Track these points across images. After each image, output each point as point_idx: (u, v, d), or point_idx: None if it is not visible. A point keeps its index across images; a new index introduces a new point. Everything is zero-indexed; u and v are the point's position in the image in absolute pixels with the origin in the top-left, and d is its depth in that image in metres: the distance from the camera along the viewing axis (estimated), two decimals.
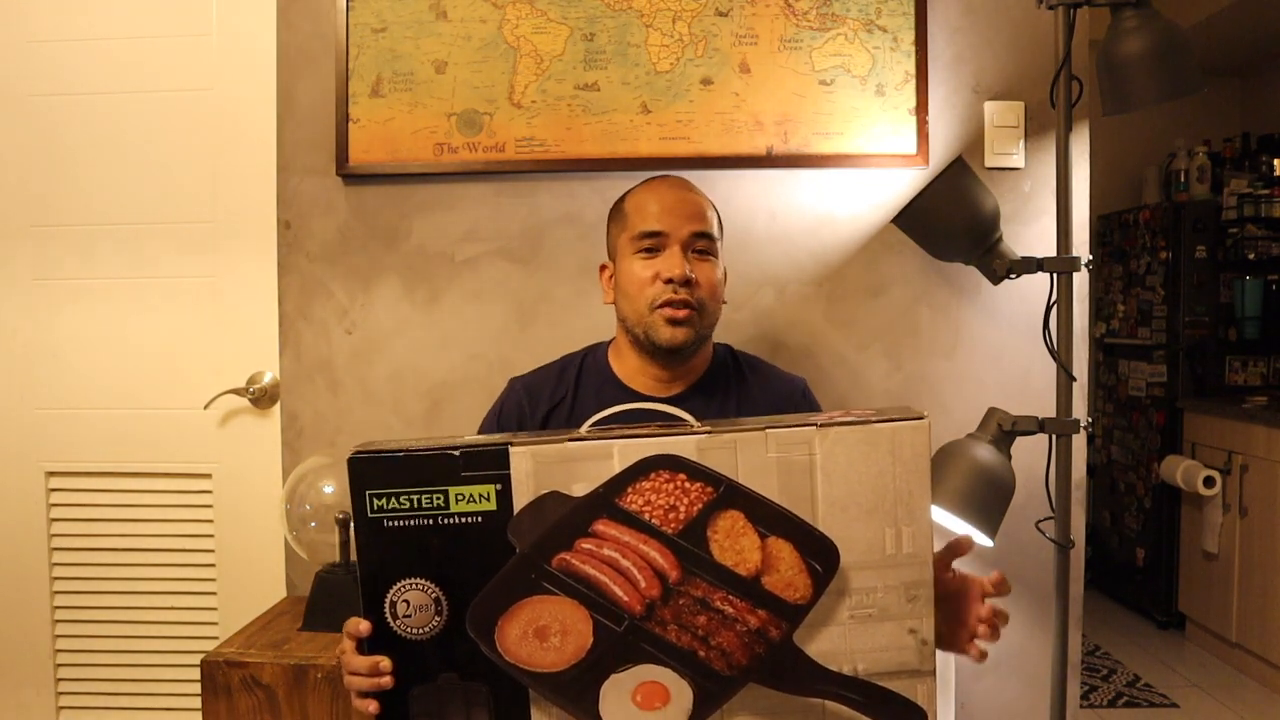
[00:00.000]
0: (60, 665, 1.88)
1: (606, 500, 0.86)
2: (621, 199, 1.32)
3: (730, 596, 0.85)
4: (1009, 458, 1.51)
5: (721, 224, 1.32)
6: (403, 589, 0.86)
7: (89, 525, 1.87)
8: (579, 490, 0.85)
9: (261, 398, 1.83)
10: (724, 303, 1.29)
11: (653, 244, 1.23)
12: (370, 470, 0.86)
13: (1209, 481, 3.15)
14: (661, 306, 1.20)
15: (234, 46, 1.81)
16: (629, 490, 0.85)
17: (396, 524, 0.86)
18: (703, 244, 1.24)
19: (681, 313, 1.20)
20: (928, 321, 1.74)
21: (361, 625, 0.90)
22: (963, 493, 1.46)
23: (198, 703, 1.50)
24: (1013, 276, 1.55)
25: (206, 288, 1.84)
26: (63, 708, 1.88)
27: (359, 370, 1.80)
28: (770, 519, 0.86)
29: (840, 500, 0.86)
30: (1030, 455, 1.61)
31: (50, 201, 1.85)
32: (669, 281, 1.20)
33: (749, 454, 0.85)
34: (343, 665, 0.92)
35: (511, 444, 0.85)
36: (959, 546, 1.04)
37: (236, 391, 1.82)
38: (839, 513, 0.86)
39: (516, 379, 1.38)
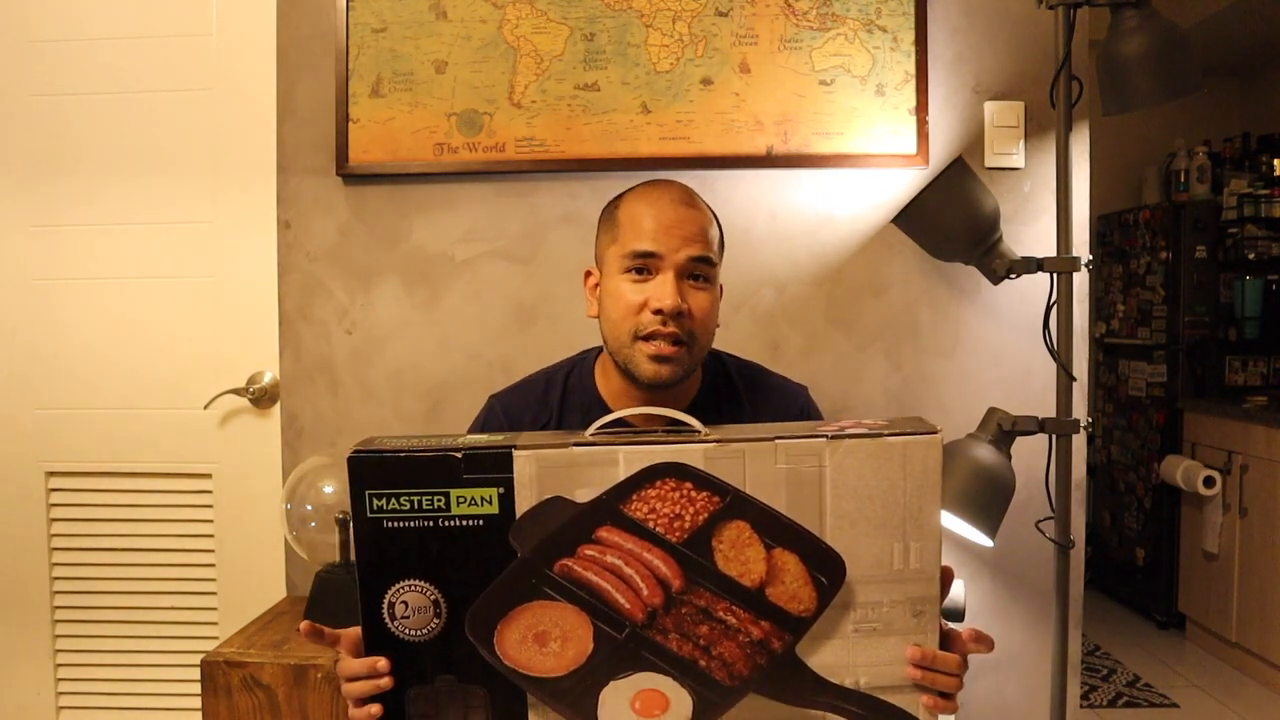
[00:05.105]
0: (60, 665, 1.88)
1: (611, 507, 0.84)
2: (615, 202, 1.19)
3: (733, 607, 0.84)
4: (1009, 458, 1.52)
5: (723, 240, 1.19)
6: (401, 590, 0.86)
7: (89, 525, 1.87)
8: (582, 496, 0.84)
9: (261, 398, 1.83)
10: (718, 325, 1.18)
11: (644, 265, 1.10)
12: (370, 470, 0.84)
13: (1209, 481, 3.15)
14: (647, 339, 1.09)
15: (234, 46, 1.81)
16: (634, 497, 0.84)
17: (396, 525, 0.85)
18: (701, 269, 1.12)
19: (669, 350, 1.09)
20: (928, 321, 1.74)
21: (345, 634, 0.90)
22: (963, 493, 1.46)
23: (198, 703, 1.50)
24: (1013, 276, 1.55)
25: (206, 288, 1.84)
26: (63, 708, 1.88)
27: (359, 370, 1.80)
28: (776, 530, 0.84)
29: (849, 514, 0.84)
30: (1030, 455, 1.61)
31: (50, 201, 1.85)
32: (658, 312, 1.08)
33: (757, 464, 0.84)
34: (339, 673, 0.90)
35: (515, 447, 0.84)
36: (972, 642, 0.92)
37: (236, 391, 1.82)
38: (847, 526, 0.84)
39: (495, 398, 1.27)
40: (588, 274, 1.23)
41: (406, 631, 0.86)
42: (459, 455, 0.84)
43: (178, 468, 1.85)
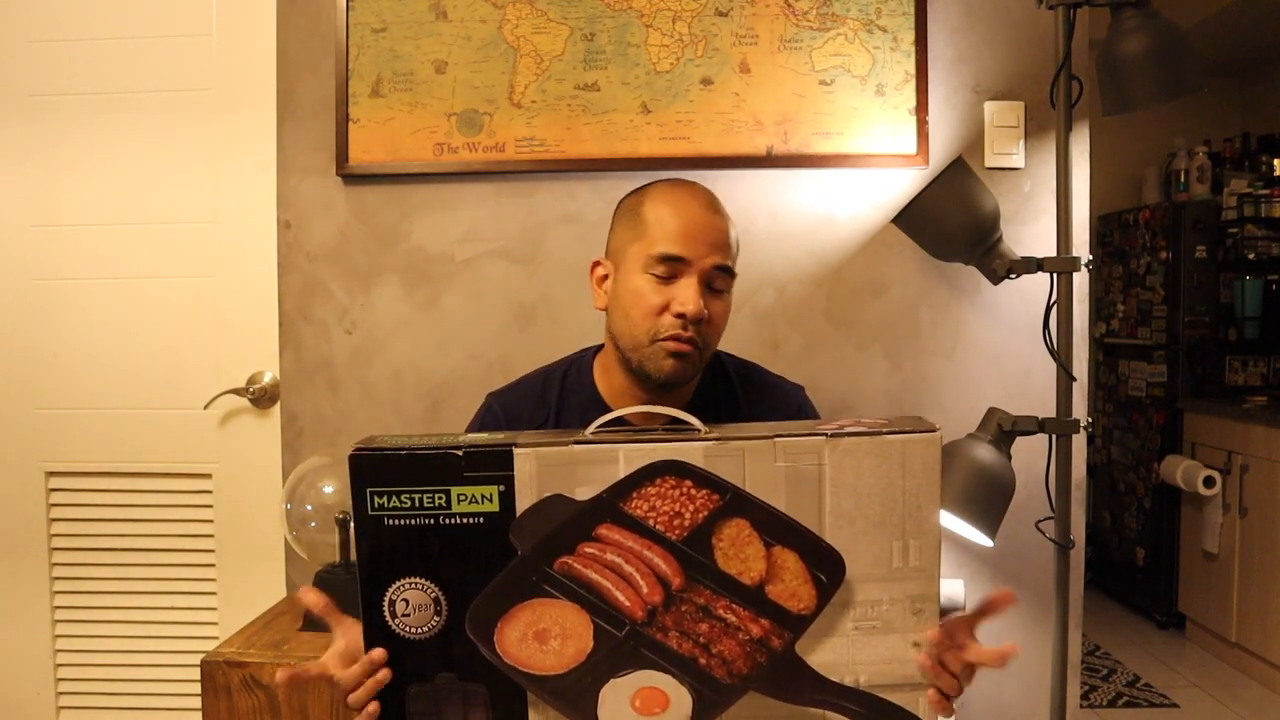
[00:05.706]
0: (60, 666, 1.88)
1: (611, 505, 0.85)
2: (639, 197, 1.17)
3: (733, 604, 0.85)
4: (1009, 458, 1.52)
5: (739, 248, 1.20)
6: (402, 588, 0.86)
7: (89, 525, 1.87)
8: (583, 493, 0.85)
9: (261, 398, 1.83)
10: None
11: (670, 269, 1.11)
12: (372, 467, 0.85)
13: (1209, 481, 3.15)
14: (666, 340, 1.10)
15: (234, 46, 1.81)
16: (634, 495, 0.85)
17: (397, 522, 0.85)
18: (722, 278, 1.13)
19: (685, 348, 1.10)
20: (928, 321, 1.74)
21: (309, 596, 0.92)
22: (963, 493, 1.46)
23: (198, 703, 1.49)
24: (1013, 276, 1.55)
25: (206, 288, 1.84)
26: (63, 708, 1.88)
27: (359, 370, 1.80)
28: (776, 528, 0.85)
29: (848, 511, 0.85)
30: (1030, 455, 1.62)
31: (50, 201, 1.85)
32: (680, 316, 1.09)
33: (757, 462, 0.85)
34: (334, 682, 0.88)
35: (515, 445, 0.85)
36: (994, 605, 0.90)
37: (236, 391, 1.82)
38: (846, 524, 0.85)
39: (493, 396, 1.27)
40: (595, 264, 1.22)
41: (407, 629, 0.87)
42: (460, 453, 0.84)
43: (178, 468, 1.85)
